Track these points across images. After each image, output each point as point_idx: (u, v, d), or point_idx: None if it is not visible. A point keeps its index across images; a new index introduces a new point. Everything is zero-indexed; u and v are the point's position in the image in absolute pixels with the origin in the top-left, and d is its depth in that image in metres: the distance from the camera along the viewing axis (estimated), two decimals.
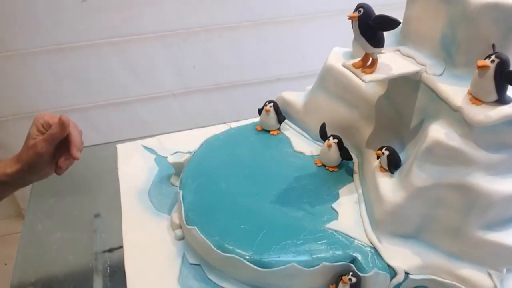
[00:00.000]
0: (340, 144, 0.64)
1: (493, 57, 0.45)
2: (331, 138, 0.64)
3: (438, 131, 0.49)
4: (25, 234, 0.67)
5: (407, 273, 0.52)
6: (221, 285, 0.54)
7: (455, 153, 0.48)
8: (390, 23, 0.49)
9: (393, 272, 0.52)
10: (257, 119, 0.73)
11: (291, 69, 1.37)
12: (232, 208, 0.58)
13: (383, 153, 0.55)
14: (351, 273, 0.50)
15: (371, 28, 0.50)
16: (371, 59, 0.52)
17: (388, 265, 0.52)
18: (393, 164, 0.55)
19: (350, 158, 0.65)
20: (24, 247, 0.65)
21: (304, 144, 0.70)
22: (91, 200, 0.73)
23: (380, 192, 0.54)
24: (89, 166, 0.80)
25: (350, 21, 0.51)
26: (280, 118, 0.72)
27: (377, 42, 0.51)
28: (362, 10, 0.49)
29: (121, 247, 0.60)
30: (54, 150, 0.59)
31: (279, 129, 0.73)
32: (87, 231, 0.67)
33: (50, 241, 0.65)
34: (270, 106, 0.71)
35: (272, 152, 0.68)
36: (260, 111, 0.72)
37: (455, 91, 0.50)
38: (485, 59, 0.46)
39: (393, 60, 0.55)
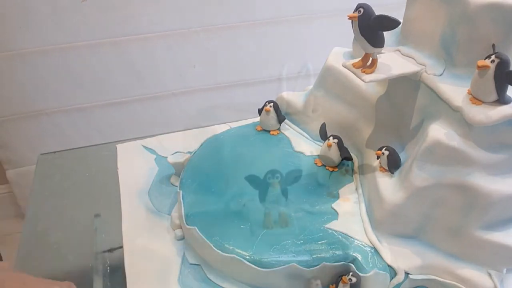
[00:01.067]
0: (340, 144, 0.64)
1: (493, 57, 0.45)
2: (331, 138, 0.64)
3: (438, 131, 0.49)
4: (25, 234, 0.67)
5: (407, 273, 0.52)
6: (221, 285, 0.54)
7: (455, 153, 0.48)
8: (390, 23, 0.49)
9: (393, 272, 0.52)
10: (257, 119, 0.73)
11: (291, 69, 1.37)
12: (232, 208, 0.58)
13: (383, 153, 0.55)
14: (351, 273, 0.50)
15: (371, 28, 0.50)
16: (371, 59, 0.52)
17: (388, 265, 0.52)
18: (393, 164, 0.55)
19: (350, 158, 0.65)
20: (24, 247, 0.65)
21: (304, 144, 0.69)
22: (91, 200, 0.73)
23: (380, 192, 0.54)
24: (89, 166, 0.80)
25: (350, 21, 0.51)
26: (280, 118, 0.72)
27: (377, 42, 0.51)
28: (362, 10, 0.49)
29: (121, 247, 0.59)
30: None
31: (279, 129, 0.73)
32: (87, 231, 0.67)
33: (50, 241, 0.65)
34: (270, 106, 0.71)
35: (272, 152, 0.68)
36: (260, 111, 0.72)
37: (455, 91, 0.50)
38: (485, 59, 0.46)
39: (393, 60, 0.55)
